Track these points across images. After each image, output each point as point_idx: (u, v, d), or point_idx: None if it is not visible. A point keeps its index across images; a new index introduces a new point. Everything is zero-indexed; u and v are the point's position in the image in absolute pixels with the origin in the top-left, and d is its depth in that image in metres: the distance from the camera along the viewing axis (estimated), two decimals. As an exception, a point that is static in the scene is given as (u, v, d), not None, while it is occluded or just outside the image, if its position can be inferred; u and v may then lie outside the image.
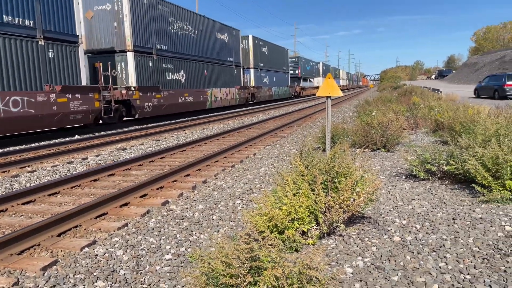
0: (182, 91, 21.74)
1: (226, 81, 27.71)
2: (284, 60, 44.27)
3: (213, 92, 25.39)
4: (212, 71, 25.52)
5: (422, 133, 11.42)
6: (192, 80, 23.01)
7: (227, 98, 27.71)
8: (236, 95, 29.44)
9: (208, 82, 24.86)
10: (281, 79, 42.63)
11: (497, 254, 3.40)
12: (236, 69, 29.79)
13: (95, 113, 15.25)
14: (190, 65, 22.73)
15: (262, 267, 2.62)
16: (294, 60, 52.18)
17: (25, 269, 3.59)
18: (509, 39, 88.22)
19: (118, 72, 17.92)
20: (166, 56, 20.38)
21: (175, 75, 21.26)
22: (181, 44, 21.91)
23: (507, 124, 5.94)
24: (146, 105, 18.33)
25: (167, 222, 4.82)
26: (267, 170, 7.62)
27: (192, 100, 22.77)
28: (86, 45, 17.82)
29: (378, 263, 3.40)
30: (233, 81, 29.19)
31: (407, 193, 5.45)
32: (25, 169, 8.41)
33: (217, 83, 26.25)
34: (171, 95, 20.59)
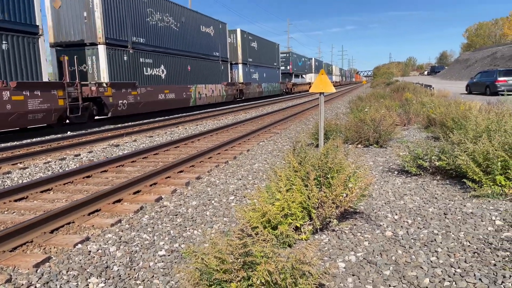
0: (162, 87, 20.37)
1: (212, 77, 26.41)
2: (275, 55, 43.00)
3: (197, 88, 24.10)
4: (196, 67, 24.28)
5: (415, 129, 11.49)
6: (173, 75, 21.68)
7: (213, 95, 26.48)
8: (222, 91, 28.10)
9: (191, 78, 23.59)
10: (272, 75, 41.34)
11: (488, 248, 3.44)
12: (223, 65, 28.46)
13: (59, 112, 13.86)
14: (171, 59, 21.45)
15: (256, 262, 2.64)
16: (286, 55, 50.72)
17: (18, 266, 3.58)
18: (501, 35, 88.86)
19: (89, 67, 16.50)
20: (144, 50, 19.07)
21: (155, 70, 19.88)
22: (161, 37, 20.57)
23: (498, 120, 6.00)
24: (121, 102, 16.92)
25: (160, 218, 4.82)
26: (260, 166, 7.64)
27: (174, 97, 21.44)
28: (54, 37, 16.68)
29: (370, 257, 3.43)
30: (220, 77, 27.88)
31: (399, 189, 5.50)
32: (17, 165, 8.35)
33: (202, 79, 24.94)
34: (150, 92, 19.25)
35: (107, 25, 16.45)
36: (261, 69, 37.57)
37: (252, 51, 34.72)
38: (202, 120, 17.66)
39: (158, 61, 20.25)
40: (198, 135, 11.81)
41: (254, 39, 35.38)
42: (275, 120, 15.63)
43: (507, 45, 61.77)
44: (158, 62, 20.19)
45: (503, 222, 4.02)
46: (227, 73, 29.27)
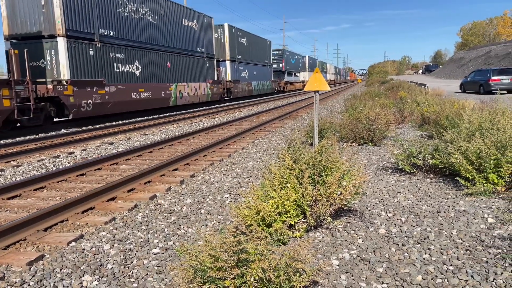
0: (136, 85, 18.39)
1: (195, 75, 24.45)
2: (266, 52, 41.04)
3: (178, 87, 22.17)
4: (177, 63, 22.35)
5: (409, 127, 11.55)
6: (150, 73, 19.80)
7: (196, 94, 24.48)
8: (207, 90, 26.08)
9: (172, 75, 21.69)
10: (263, 73, 39.41)
11: (480, 246, 3.47)
12: (208, 61, 26.38)
13: (4, 114, 11.96)
14: (147, 55, 19.55)
15: (249, 259, 2.65)
16: (278, 53, 48.75)
17: (11, 263, 3.57)
18: (495, 34, 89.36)
19: (47, 62, 14.49)
20: (115, 44, 17.13)
21: (127, 67, 17.90)
22: (136, 30, 18.56)
23: (491, 119, 6.04)
24: (84, 103, 15.03)
25: (155, 216, 4.82)
26: (255, 164, 7.64)
27: (150, 97, 19.53)
28: (8, 29, 14.75)
29: (364, 255, 3.45)
30: (205, 74, 25.82)
31: (393, 187, 5.53)
32: (11, 163, 8.30)
33: (184, 76, 23.03)
34: (121, 91, 17.27)
35: (68, 14, 14.47)
36: (251, 66, 35.64)
37: (241, 47, 32.91)
38: (197, 118, 17.64)
39: (132, 57, 18.32)
40: (193, 133, 11.79)
41: (244, 35, 33.58)
42: (269, 118, 15.64)
43: (501, 44, 62.14)
44: (131, 58, 18.27)
45: (495, 219, 4.05)
46: (213, 71, 27.26)
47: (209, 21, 26.88)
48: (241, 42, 32.98)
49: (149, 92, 19.45)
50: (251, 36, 35.87)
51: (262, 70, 39.48)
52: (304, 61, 62.09)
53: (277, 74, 47.55)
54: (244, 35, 33.67)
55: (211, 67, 27.15)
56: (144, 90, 19.08)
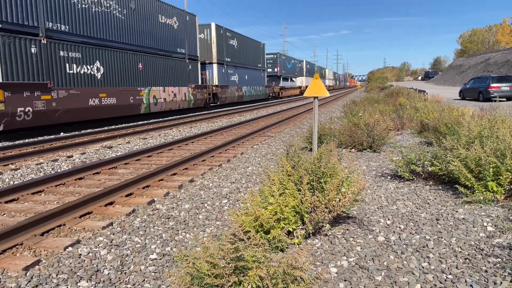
0: (95, 90, 15.69)
1: (174, 78, 22.00)
2: (260, 56, 38.56)
3: (152, 92, 19.60)
4: (151, 65, 19.85)
5: (408, 134, 11.55)
6: (116, 75, 17.15)
7: (175, 100, 21.85)
8: (189, 95, 23.37)
9: (144, 78, 19.15)
10: (255, 77, 36.93)
11: (479, 254, 3.46)
12: (190, 64, 23.85)
13: None
14: (113, 55, 16.94)
15: (247, 267, 2.62)
16: (273, 57, 46.29)
17: (7, 268, 3.54)
18: (494, 42, 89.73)
19: None
20: (67, 40, 14.53)
21: (85, 68, 15.30)
22: (97, 25, 16.00)
23: (490, 126, 6.04)
24: (21, 111, 12.31)
25: (152, 221, 4.79)
26: (254, 169, 7.63)
27: (115, 103, 16.79)
28: None
29: (362, 263, 3.43)
30: (186, 78, 23.30)
31: (392, 194, 5.51)
32: (9, 166, 8.27)
33: (160, 80, 20.60)
34: (74, 96, 14.55)
35: (1, 3, 11.96)
36: (242, 70, 33.18)
37: (231, 49, 30.45)
38: (196, 123, 17.63)
39: (91, 56, 15.68)
40: (192, 137, 11.78)
41: (234, 36, 31.14)
42: (269, 123, 15.64)
43: (500, 52, 62.36)
44: (91, 57, 15.64)
45: (495, 228, 4.04)
46: (196, 74, 24.67)
47: (193, 19, 24.24)
48: (231, 43, 30.54)
49: (113, 98, 16.72)
50: (243, 38, 33.56)
51: (255, 74, 37.04)
52: (301, 66, 60.22)
53: (272, 79, 45.57)
54: (234, 36, 31.33)
55: (194, 70, 24.55)
56: (107, 95, 16.34)
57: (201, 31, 26.66)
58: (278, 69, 46.37)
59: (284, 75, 49.10)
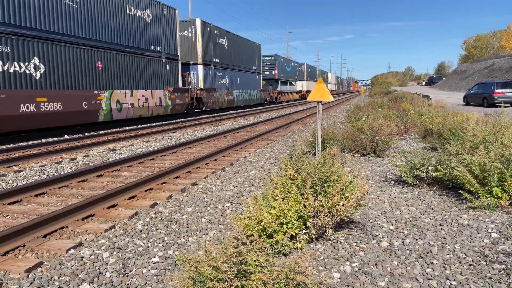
0: (30, 93, 12.67)
1: (146, 80, 19.06)
2: (254, 57, 35.55)
3: (115, 96, 16.46)
4: (115, 64, 16.85)
5: (412, 139, 11.51)
6: (63, 75, 14.16)
7: (146, 105, 18.70)
8: (166, 100, 20.37)
9: (105, 80, 16.14)
10: (249, 80, 34.03)
11: (483, 261, 3.42)
12: (169, 64, 20.98)
13: None
14: (59, 50, 13.97)
15: (250, 271, 2.61)
16: (270, 59, 43.49)
17: (9, 270, 3.53)
18: (499, 47, 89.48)
19: None
20: None
21: (17, 65, 12.32)
22: (35, 13, 12.96)
23: (495, 132, 6.01)
24: None
25: (155, 224, 4.78)
26: (257, 173, 7.61)
27: (60, 109, 13.73)
28: None
29: (366, 268, 3.40)
30: (162, 80, 20.48)
31: (396, 199, 5.48)
32: (12, 168, 8.30)
33: (127, 82, 17.54)
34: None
35: None
36: (234, 73, 30.37)
37: (220, 49, 27.56)
38: (199, 126, 17.64)
39: (27, 51, 12.74)
40: (195, 140, 11.78)
41: (224, 35, 28.24)
42: (273, 127, 15.63)
43: (504, 57, 62.19)
44: (25, 53, 12.68)
45: (499, 234, 4.00)
46: (176, 76, 21.80)
47: (171, 13, 21.11)
48: (220, 43, 27.61)
49: (57, 103, 13.66)
50: (234, 37, 30.65)
51: (249, 77, 34.01)
52: (301, 69, 57.49)
53: (269, 83, 42.94)
54: (225, 35, 28.44)
55: (174, 71, 21.60)
56: (48, 100, 13.25)
57: (184, 27, 24.04)
58: (275, 72, 43.68)
59: (283, 78, 46.50)
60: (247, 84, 33.60)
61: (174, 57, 21.78)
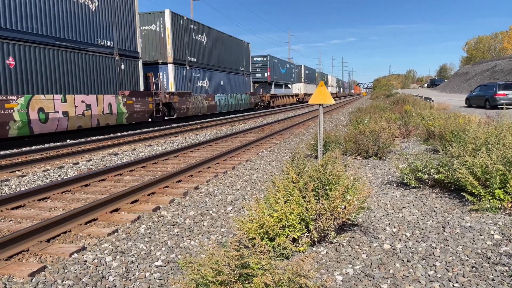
0: None
1: (92, 82, 15.40)
2: (242, 57, 32.02)
3: (35, 103, 12.72)
4: (39, 61, 13.03)
5: (414, 141, 11.50)
6: None
7: (88, 114, 15.03)
8: (118, 107, 16.65)
9: (20, 82, 12.33)
10: (236, 83, 30.54)
11: (486, 263, 3.42)
12: (124, 62, 17.35)
13: None
14: None
15: (252, 274, 2.62)
16: (262, 60, 39.70)
17: (13, 274, 3.55)
18: (500, 49, 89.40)
19: None
20: None
21: None
22: None
23: (497, 134, 6.00)
24: None
25: (157, 228, 4.80)
26: (259, 176, 7.62)
27: None
28: None
29: (368, 270, 3.41)
30: (115, 81, 16.72)
31: (398, 201, 5.48)
32: (15, 173, 8.33)
33: (60, 84, 13.84)
34: None
35: None
36: (215, 74, 26.66)
37: (197, 47, 24.06)
38: (201, 130, 17.67)
39: None
40: (197, 144, 11.81)
41: (202, 30, 24.56)
42: (274, 130, 15.64)
43: (506, 59, 62.12)
44: None
45: (502, 236, 4.00)
46: (136, 77, 18.07)
47: (127, 1, 17.66)
48: (198, 39, 24.06)
49: None
50: (217, 34, 26.85)
51: (235, 79, 30.46)
52: (299, 71, 53.90)
53: (262, 85, 39.77)
54: (203, 30, 24.82)
55: (133, 71, 17.87)
56: None
57: (150, 20, 20.84)
58: (268, 74, 39.67)
59: (277, 81, 42.53)
60: (233, 87, 30.02)
61: (132, 54, 17.90)
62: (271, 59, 40.47)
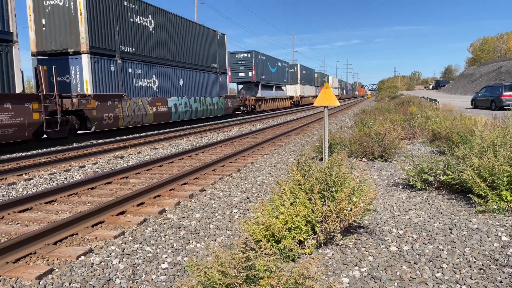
0: None
1: None
2: (215, 51, 25.76)
3: None
4: None
5: (419, 143, 11.45)
6: None
7: None
8: None
9: None
10: (205, 83, 24.31)
11: (493, 265, 3.40)
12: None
13: None
14: None
15: (259, 276, 2.62)
16: (246, 56, 33.88)
17: (21, 277, 3.57)
18: (506, 50, 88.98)
19: None
20: None
21: None
22: None
23: (503, 135, 5.97)
24: None
25: (163, 230, 4.81)
26: (264, 179, 7.62)
27: None
28: None
29: (375, 273, 3.39)
30: None
31: (404, 203, 5.46)
32: (22, 176, 8.38)
33: None
34: None
35: None
36: (168, 71, 20.46)
37: (137, 33, 18.08)
38: (206, 133, 17.71)
39: None
40: (202, 147, 11.83)
41: (147, 11, 18.76)
42: (278, 133, 15.64)
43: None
44: None
45: (509, 238, 3.97)
46: (7, 72, 11.75)
47: None
48: (138, 23, 18.17)
49: None
50: (171, 18, 20.89)
51: (204, 79, 24.35)
52: (294, 71, 48.70)
53: (247, 87, 34.72)
54: (149, 12, 18.89)
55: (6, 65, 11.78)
56: None
57: None
58: (253, 74, 33.72)
59: (265, 81, 36.85)
60: (201, 89, 23.90)
61: (3, 38, 11.70)
62: (256, 55, 34.47)
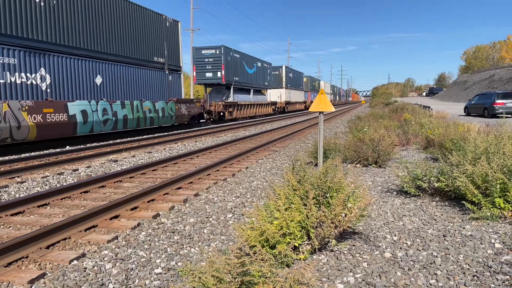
0: None
1: None
2: (161, 42, 20.56)
3: None
4: None
5: (413, 150, 11.51)
6: None
7: None
8: None
9: None
10: (146, 83, 19.29)
11: (487, 272, 3.41)
12: None
13: None
14: None
15: (253, 282, 2.61)
16: (214, 53, 28.25)
17: (13, 281, 3.53)
18: (499, 58, 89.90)
19: None
20: None
21: None
22: None
23: (496, 142, 6.02)
24: None
25: (157, 235, 4.78)
26: (259, 184, 7.61)
27: None
28: None
29: (369, 279, 3.39)
30: None
31: (398, 209, 5.48)
32: (15, 179, 8.31)
33: None
34: None
35: None
36: (73, 62, 14.75)
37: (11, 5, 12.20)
38: (201, 137, 17.68)
39: None
40: (197, 151, 11.80)
41: None
42: (273, 138, 15.66)
43: (504, 68, 62.40)
44: None
45: (503, 245, 3.99)
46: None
47: None
48: None
49: None
50: None
51: (143, 77, 19.19)
52: (278, 73, 43.04)
53: (217, 90, 29.89)
54: None
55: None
56: None
57: None
58: (222, 74, 28.26)
59: (239, 84, 31.22)
60: (136, 90, 18.70)
61: None
62: (227, 52, 28.76)
